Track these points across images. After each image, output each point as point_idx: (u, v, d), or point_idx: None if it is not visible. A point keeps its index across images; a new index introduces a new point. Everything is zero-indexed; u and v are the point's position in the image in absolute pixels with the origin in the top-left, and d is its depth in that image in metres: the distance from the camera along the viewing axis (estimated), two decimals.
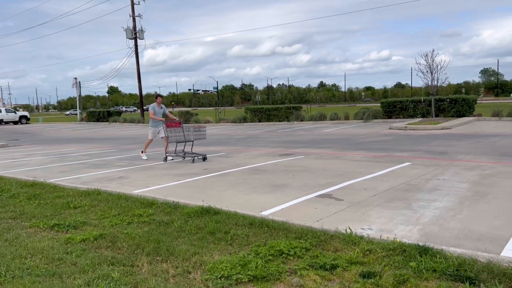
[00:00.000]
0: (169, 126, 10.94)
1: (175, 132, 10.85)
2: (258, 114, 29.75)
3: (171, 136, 10.82)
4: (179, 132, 10.85)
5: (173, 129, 10.88)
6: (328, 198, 6.14)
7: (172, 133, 10.85)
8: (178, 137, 10.83)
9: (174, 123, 11.01)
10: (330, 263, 3.46)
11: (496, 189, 6.28)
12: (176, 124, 10.97)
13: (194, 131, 10.99)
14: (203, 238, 4.34)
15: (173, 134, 10.83)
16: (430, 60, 21.41)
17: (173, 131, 10.86)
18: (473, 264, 3.34)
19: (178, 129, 10.86)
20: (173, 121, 11.13)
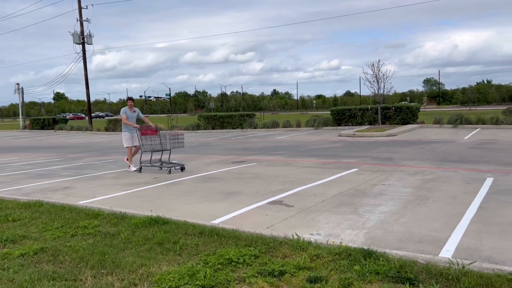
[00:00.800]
0: (144, 133, 9.97)
1: (150, 140, 9.94)
2: (211, 121, 29.63)
3: (146, 145, 9.95)
4: (156, 140, 9.94)
5: (148, 137, 9.95)
6: (279, 205, 6.21)
7: (147, 141, 9.95)
8: (154, 145, 9.92)
9: (150, 130, 10.02)
10: (278, 270, 3.49)
11: (436, 193, 6.62)
12: (153, 132, 9.99)
13: (171, 139, 10.00)
14: (151, 249, 4.25)
15: (149, 143, 9.94)
16: (377, 70, 22.36)
17: (149, 139, 9.95)
18: (413, 265, 3.49)
19: (154, 137, 9.93)
20: (149, 128, 10.10)
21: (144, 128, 10.08)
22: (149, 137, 9.91)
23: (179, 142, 10.09)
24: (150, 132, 9.98)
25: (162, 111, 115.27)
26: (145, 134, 9.95)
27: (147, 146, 9.93)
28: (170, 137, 9.96)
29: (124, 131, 10.59)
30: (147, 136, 9.92)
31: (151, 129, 10.06)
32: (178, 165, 10.01)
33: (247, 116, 29.16)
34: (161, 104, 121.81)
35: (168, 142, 9.94)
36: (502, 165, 9.18)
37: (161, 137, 9.94)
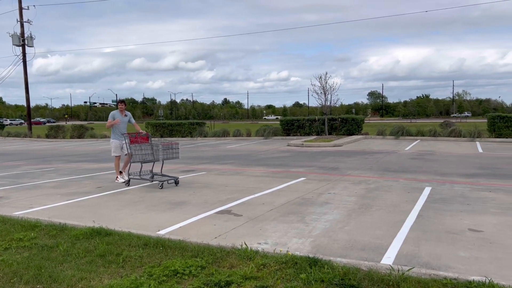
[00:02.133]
0: (134, 141, 8.88)
1: (141, 150, 8.81)
2: (160, 129, 29.06)
3: (137, 155, 8.84)
4: (147, 149, 8.81)
5: (138, 145, 8.83)
6: (228, 214, 6.17)
7: (137, 151, 8.83)
8: (144, 155, 8.80)
9: (141, 138, 8.91)
10: (225, 280, 3.45)
11: (379, 201, 6.88)
12: (143, 139, 8.90)
13: (164, 148, 8.76)
14: (92, 261, 4.06)
15: (139, 152, 8.81)
16: (324, 82, 23.04)
17: (139, 148, 8.82)
18: (356, 272, 3.59)
19: (146, 145, 8.82)
20: (139, 135, 9.00)
21: (134, 135, 8.97)
22: (139, 145, 8.83)
23: (174, 152, 8.90)
24: (141, 139, 8.89)
25: None
26: (135, 142, 8.86)
27: (137, 156, 8.86)
28: (164, 147, 8.72)
29: (113, 138, 9.47)
30: (137, 145, 8.84)
31: (141, 136, 8.95)
32: (171, 179, 8.84)
33: (197, 124, 28.90)
34: (107, 111, 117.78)
35: (160, 152, 8.68)
36: (439, 175, 9.73)
37: (153, 146, 8.82)
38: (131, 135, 8.93)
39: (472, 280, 3.36)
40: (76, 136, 30.72)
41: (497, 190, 7.75)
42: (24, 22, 33.85)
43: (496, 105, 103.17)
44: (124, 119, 9.47)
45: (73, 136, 30.85)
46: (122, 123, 9.39)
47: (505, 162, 12.19)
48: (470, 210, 6.20)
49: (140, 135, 8.97)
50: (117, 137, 9.42)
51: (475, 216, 5.84)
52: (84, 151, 19.70)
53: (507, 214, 5.90)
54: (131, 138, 8.91)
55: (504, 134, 20.63)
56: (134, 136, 8.93)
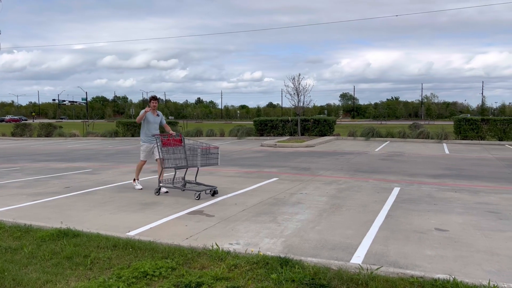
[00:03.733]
0: (166, 144, 7.70)
1: (173, 153, 7.69)
2: (131, 128, 28.57)
3: (169, 159, 7.70)
4: (180, 153, 7.71)
5: (171, 148, 7.68)
6: (200, 215, 6.13)
7: (170, 155, 7.70)
8: (177, 160, 7.70)
9: (174, 140, 7.71)
10: (195, 281, 3.43)
11: (349, 201, 6.99)
12: (176, 142, 7.72)
13: (203, 153, 7.45)
14: (59, 264, 3.95)
15: (171, 157, 7.69)
16: (297, 83, 23.23)
17: (171, 151, 7.70)
18: (326, 272, 3.64)
19: (178, 149, 7.71)
20: (171, 137, 7.77)
21: (166, 136, 7.75)
22: (171, 148, 7.69)
23: (213, 158, 7.55)
24: (173, 142, 7.70)
25: (78, 116, 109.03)
26: (167, 145, 7.68)
27: (171, 161, 7.69)
28: (202, 151, 7.43)
29: (143, 140, 8.28)
30: (170, 148, 7.69)
31: (173, 138, 7.75)
32: (208, 188, 7.51)
33: (170, 123, 28.59)
34: (77, 109, 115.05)
35: (199, 157, 7.36)
36: (407, 175, 9.98)
37: (186, 149, 7.66)
38: (163, 137, 7.73)
39: (438, 278, 3.46)
40: (43, 135, 29.84)
41: (462, 190, 8.01)
42: None
43: (462, 108, 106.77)
44: (156, 119, 8.28)
45: (41, 135, 29.95)
46: (153, 123, 8.21)
47: (470, 163, 12.62)
48: (437, 210, 6.38)
49: (172, 136, 7.76)
50: (147, 139, 8.21)
51: (441, 215, 6.02)
52: (52, 150, 19.15)
53: (471, 214, 6.11)
54: (163, 140, 7.69)
55: (469, 136, 21.36)
56: (167, 137, 7.71)
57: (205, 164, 7.43)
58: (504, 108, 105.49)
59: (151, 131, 8.20)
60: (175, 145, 7.69)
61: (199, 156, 7.34)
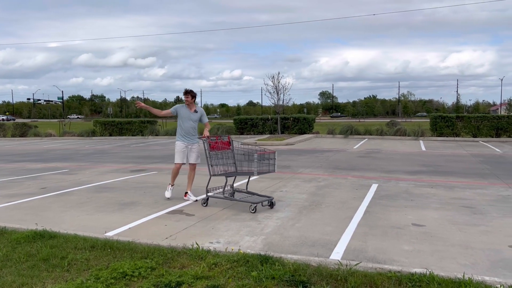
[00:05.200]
0: (214, 147, 6.60)
1: (222, 159, 6.65)
2: (109, 127, 28.15)
3: (217, 165, 6.60)
4: (228, 158, 6.72)
5: (219, 152, 6.63)
6: (179, 214, 6.09)
7: (217, 160, 6.60)
8: (227, 166, 6.68)
9: (221, 143, 6.66)
10: (175, 281, 3.40)
11: (328, 199, 7.06)
12: (224, 145, 6.69)
13: (259, 159, 6.24)
14: (35, 266, 3.86)
15: (220, 162, 6.61)
16: (276, 81, 23.33)
17: (220, 156, 6.64)
18: (306, 268, 3.66)
19: (226, 153, 6.72)
20: (219, 139, 6.70)
21: (213, 139, 6.64)
22: (220, 153, 6.66)
23: (270, 164, 6.34)
24: (221, 145, 6.65)
25: (54, 116, 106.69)
26: (215, 149, 6.62)
27: (219, 168, 6.62)
28: (259, 157, 6.22)
29: (178, 139, 7.17)
30: (217, 152, 6.63)
31: (222, 140, 6.70)
32: (265, 199, 6.40)
33: (148, 122, 28.28)
34: (53, 108, 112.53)
35: (255, 164, 6.19)
36: (385, 172, 10.14)
37: (235, 153, 6.74)
38: (211, 139, 6.60)
39: (415, 272, 3.53)
40: (18, 135, 29.09)
41: (438, 186, 8.19)
42: None
43: (438, 106, 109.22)
44: (194, 116, 7.12)
45: (15, 135, 29.19)
46: (188, 120, 7.09)
47: (446, 159, 12.92)
48: (414, 205, 6.51)
49: (221, 139, 6.72)
50: (182, 138, 7.12)
51: (418, 211, 6.15)
52: (27, 151, 18.69)
53: (447, 209, 6.26)
54: (211, 143, 6.58)
55: (445, 133, 21.85)
56: (215, 140, 6.65)
57: (261, 172, 6.25)
58: (478, 105, 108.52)
59: (187, 130, 7.08)
60: (223, 148, 6.66)
61: (255, 162, 6.16)
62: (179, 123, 7.18)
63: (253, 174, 6.23)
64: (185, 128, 7.13)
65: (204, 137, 6.59)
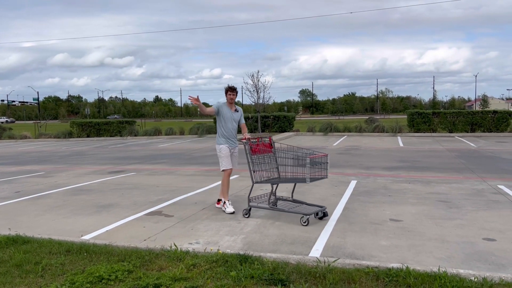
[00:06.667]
0: (256, 150, 5.92)
1: (264, 164, 5.96)
2: (86, 128, 27.65)
3: (260, 170, 5.89)
4: (271, 162, 6.03)
5: (261, 156, 5.95)
6: (158, 215, 6.02)
7: (260, 165, 5.92)
8: (270, 171, 5.98)
9: (263, 145, 6.00)
10: (153, 283, 3.36)
11: (308, 196, 7.08)
12: (266, 147, 6.02)
13: (311, 163, 5.39)
14: (7, 272, 3.75)
15: (262, 167, 5.92)
16: (256, 80, 23.33)
17: (261, 160, 5.93)
18: (285, 266, 3.67)
19: (269, 157, 6.01)
20: (260, 141, 6.02)
21: (254, 141, 5.95)
22: (262, 156, 5.96)
23: (322, 169, 5.51)
24: (263, 148, 5.99)
25: (29, 117, 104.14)
26: (257, 152, 5.92)
27: (261, 173, 5.91)
28: (312, 161, 5.40)
29: (220, 141, 6.43)
30: (259, 155, 5.94)
31: (263, 142, 6.04)
32: (319, 209, 5.63)
33: (127, 123, 27.92)
34: (28, 109, 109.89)
35: (307, 169, 5.34)
36: (364, 168, 10.25)
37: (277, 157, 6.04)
38: (251, 141, 5.93)
39: (392, 268, 3.57)
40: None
41: (415, 181, 8.33)
42: None
43: (415, 102, 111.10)
44: (235, 116, 6.43)
45: None
46: (231, 120, 6.36)
47: (423, 155, 13.15)
48: (392, 201, 6.60)
49: (262, 140, 6.05)
50: (226, 140, 6.36)
51: (396, 206, 6.23)
52: (1, 153, 18.19)
53: (423, 204, 6.37)
54: (252, 145, 5.89)
55: (422, 129, 22.25)
56: (256, 142, 5.97)
57: (314, 178, 5.45)
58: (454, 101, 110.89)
59: (228, 131, 6.36)
60: (265, 151, 5.98)
61: (308, 168, 5.36)
62: (221, 124, 6.39)
63: (305, 181, 5.42)
64: (228, 130, 6.36)
65: (245, 139, 5.91)
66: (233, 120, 6.39)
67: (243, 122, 6.58)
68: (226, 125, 6.35)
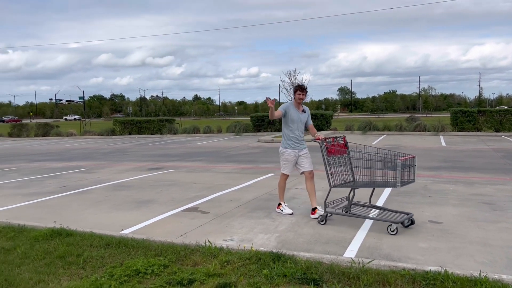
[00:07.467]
0: (333, 151, 5.54)
1: (340, 166, 5.55)
2: (128, 126, 28.52)
3: (338, 173, 5.50)
4: (346, 164, 5.60)
5: (336, 157, 5.57)
6: (195, 212, 6.13)
7: (337, 167, 5.51)
8: (345, 174, 5.58)
9: (338, 145, 5.60)
10: (187, 278, 3.43)
11: (345, 195, 6.97)
12: (341, 147, 5.61)
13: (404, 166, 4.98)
14: (51, 263, 3.94)
15: (338, 170, 5.51)
16: (293, 78, 23.19)
17: (337, 162, 5.54)
18: (318, 266, 3.64)
19: (344, 158, 5.61)
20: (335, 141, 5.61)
21: (330, 141, 5.58)
22: (337, 157, 5.58)
23: (410, 173, 5.06)
24: (338, 148, 5.61)
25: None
26: (333, 153, 5.56)
27: (339, 177, 5.52)
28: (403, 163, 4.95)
29: (284, 145, 6.02)
30: (335, 157, 5.57)
31: (338, 143, 5.64)
32: (405, 217, 5.13)
33: (167, 121, 28.54)
34: (74, 108, 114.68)
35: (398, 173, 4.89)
36: None
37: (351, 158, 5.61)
38: (327, 142, 5.55)
39: (429, 271, 3.46)
40: (40, 135, 29.77)
41: (458, 182, 8.02)
42: None
43: (460, 100, 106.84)
44: (303, 117, 6.00)
45: (38, 135, 29.89)
46: (299, 122, 5.95)
47: (466, 155, 12.64)
48: (431, 202, 6.39)
49: (336, 140, 5.64)
50: (292, 144, 5.94)
51: (436, 207, 6.03)
52: (48, 150, 19.11)
53: (466, 205, 6.12)
54: (328, 146, 5.51)
55: (466, 128, 21.37)
56: (331, 142, 5.58)
57: (404, 182, 4.97)
58: (502, 99, 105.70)
59: (295, 134, 5.93)
60: (340, 152, 5.60)
61: (398, 172, 4.87)
62: (287, 125, 5.97)
63: (395, 186, 4.94)
64: (295, 132, 5.93)
65: (319, 140, 5.55)
66: (301, 122, 5.96)
67: (311, 123, 6.13)
68: (292, 127, 5.92)
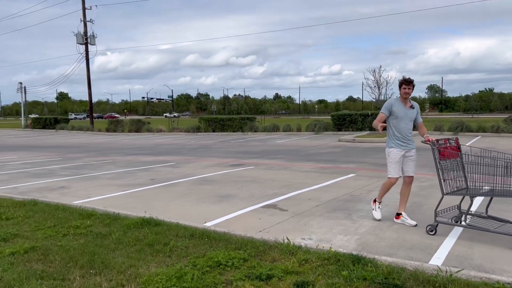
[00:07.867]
0: (445, 154, 5.00)
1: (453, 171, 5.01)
2: (212, 124, 29.66)
3: (451, 179, 4.96)
4: (458, 169, 5.06)
5: (449, 161, 5.01)
6: (273, 209, 6.20)
7: (450, 172, 4.98)
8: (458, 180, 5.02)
9: (450, 147, 5.07)
10: (266, 273, 3.48)
11: (431, 200, 6.59)
12: (453, 150, 5.07)
13: None
14: (141, 250, 4.25)
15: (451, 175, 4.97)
16: (378, 75, 22.38)
17: (450, 167, 5.00)
18: (401, 272, 3.48)
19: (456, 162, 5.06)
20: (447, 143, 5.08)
21: (442, 142, 5.04)
22: (450, 161, 5.02)
23: None
24: (450, 151, 5.05)
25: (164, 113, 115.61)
26: (445, 156, 5.01)
27: (452, 183, 4.98)
28: None
29: (390, 145, 5.57)
30: (448, 161, 5.01)
31: (451, 145, 5.10)
32: None
33: (248, 119, 29.17)
34: (163, 106, 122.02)
35: None
36: None
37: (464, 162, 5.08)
38: (439, 144, 5.00)
39: None
40: (133, 130, 32.12)
41: None
42: (87, 22, 35.78)
43: None
44: (411, 113, 5.46)
45: (131, 130, 32.28)
46: (407, 119, 5.43)
47: None
48: None
49: (449, 143, 5.10)
50: (399, 143, 5.45)
51: None
52: (140, 145, 20.56)
53: None
54: (440, 149, 4.97)
55: None
56: (443, 143, 5.05)
57: None
58: None
59: (403, 131, 5.42)
60: (453, 155, 5.06)
61: None
62: (393, 123, 5.50)
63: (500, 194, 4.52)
64: (401, 130, 5.43)
65: (429, 141, 5.05)
66: (409, 119, 5.42)
67: (420, 120, 5.56)
68: (398, 125, 5.42)
